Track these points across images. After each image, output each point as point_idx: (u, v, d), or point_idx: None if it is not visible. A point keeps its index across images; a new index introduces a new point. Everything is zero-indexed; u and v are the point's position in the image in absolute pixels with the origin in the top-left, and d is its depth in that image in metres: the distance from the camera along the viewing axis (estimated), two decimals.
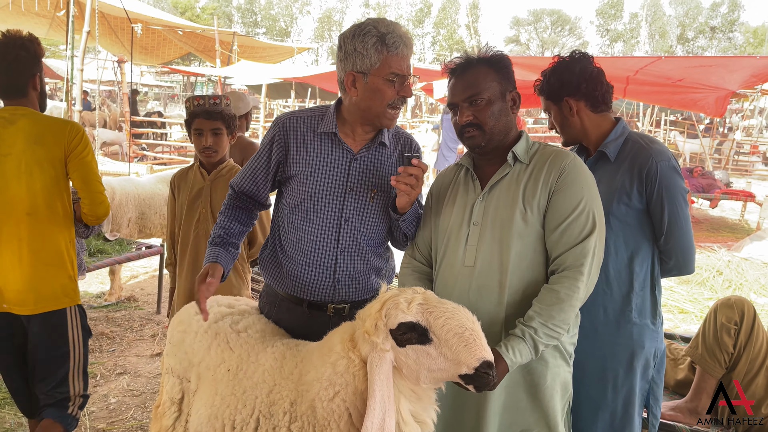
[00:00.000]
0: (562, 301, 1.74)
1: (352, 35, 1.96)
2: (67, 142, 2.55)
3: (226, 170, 3.02)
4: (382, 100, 1.97)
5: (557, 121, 2.31)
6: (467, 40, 54.29)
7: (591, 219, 1.81)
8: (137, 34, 10.34)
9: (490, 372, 1.57)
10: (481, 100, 1.89)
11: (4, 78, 2.54)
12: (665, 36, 56.85)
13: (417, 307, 1.66)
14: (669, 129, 19.14)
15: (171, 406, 2.23)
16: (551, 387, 1.88)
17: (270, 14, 62.65)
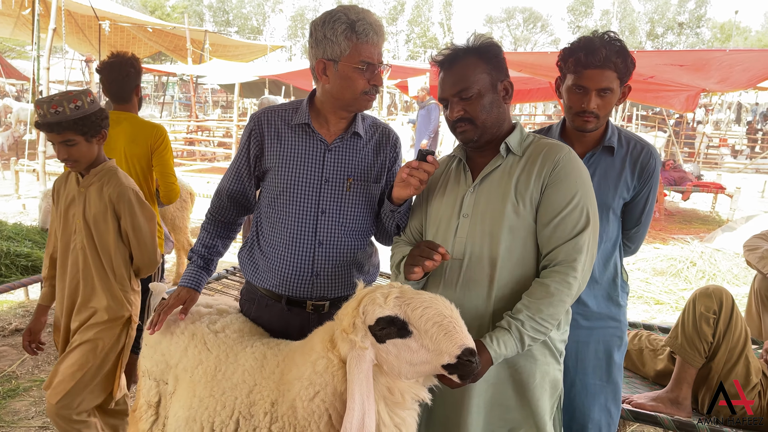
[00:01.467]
0: (551, 296, 1.71)
1: (322, 22, 1.94)
2: (152, 142, 3.36)
3: (103, 173, 2.54)
4: (353, 89, 1.95)
5: (609, 105, 2.12)
6: (441, 37, 54.48)
7: (585, 214, 1.78)
8: (105, 32, 10.12)
9: (473, 359, 1.55)
10: (472, 93, 1.83)
11: (116, 88, 3.39)
12: (635, 32, 57.75)
13: (394, 300, 1.63)
14: (640, 123, 19.43)
15: (148, 409, 2.18)
16: (540, 385, 1.84)
17: (242, 13, 62.08)
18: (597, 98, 2.08)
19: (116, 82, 3.38)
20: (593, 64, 2.05)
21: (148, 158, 3.37)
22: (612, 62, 2.05)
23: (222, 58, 16.42)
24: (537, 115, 23.87)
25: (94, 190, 2.53)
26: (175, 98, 25.54)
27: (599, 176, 2.16)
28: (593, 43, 2.07)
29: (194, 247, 2.26)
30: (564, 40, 64.44)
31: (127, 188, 2.55)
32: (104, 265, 2.56)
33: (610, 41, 2.07)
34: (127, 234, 2.57)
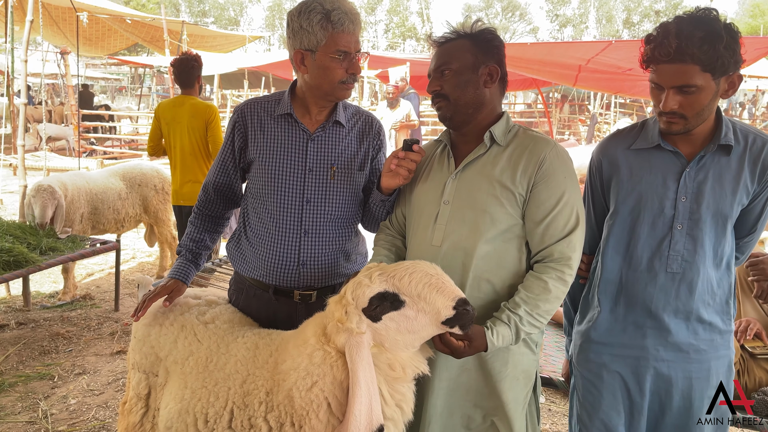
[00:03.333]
0: (549, 292, 1.74)
1: (298, 13, 1.95)
2: (207, 118, 4.62)
3: None
4: (331, 78, 1.96)
5: (697, 103, 1.74)
6: (420, 27, 54.34)
7: (575, 212, 1.79)
8: (83, 24, 9.94)
9: (468, 307, 1.60)
10: (449, 70, 1.84)
11: (184, 77, 4.70)
12: (612, 21, 58.12)
13: (378, 277, 1.67)
14: (618, 111, 19.63)
15: (138, 402, 2.17)
16: (512, 375, 1.86)
17: (218, 3, 61.27)
18: (677, 96, 1.72)
19: (184, 73, 4.68)
20: (664, 59, 1.71)
21: (204, 129, 4.61)
22: (689, 54, 1.66)
23: (200, 49, 16.19)
24: (517, 104, 23.98)
25: None
26: (152, 90, 25.20)
27: (713, 181, 1.82)
28: (666, 33, 1.70)
29: (182, 241, 2.26)
30: (543, 29, 64.74)
31: None
32: None
33: (691, 26, 1.68)
34: None
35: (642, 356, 1.92)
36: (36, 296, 5.38)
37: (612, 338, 1.97)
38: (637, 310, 1.92)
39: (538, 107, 18.30)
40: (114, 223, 5.39)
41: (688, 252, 1.85)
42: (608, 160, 1.99)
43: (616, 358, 1.96)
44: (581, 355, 2.04)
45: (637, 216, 1.91)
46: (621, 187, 1.94)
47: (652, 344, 1.91)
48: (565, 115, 20.69)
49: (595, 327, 2.00)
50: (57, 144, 14.76)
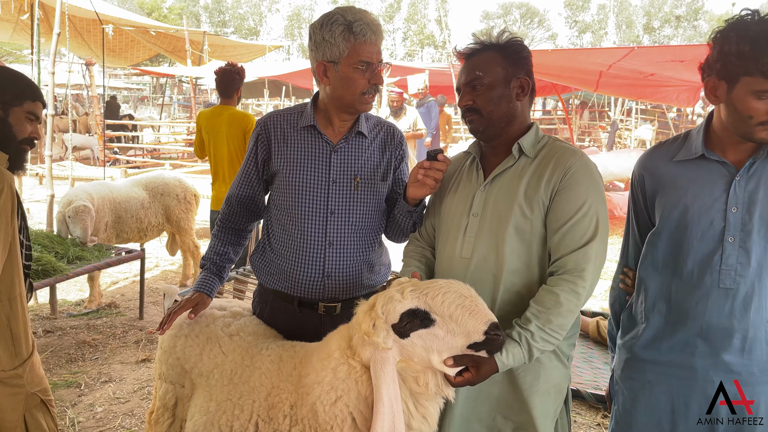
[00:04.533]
0: (561, 306, 1.69)
1: (320, 25, 1.96)
2: (244, 126, 4.76)
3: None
4: (354, 89, 1.97)
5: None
6: (438, 35, 54.41)
7: (594, 223, 1.74)
8: (108, 36, 10.12)
9: (499, 332, 1.58)
10: (481, 84, 1.83)
11: (224, 87, 4.89)
12: (632, 26, 57.65)
13: (410, 293, 1.64)
14: (639, 117, 19.44)
15: (164, 412, 2.19)
16: (543, 389, 1.84)
17: (238, 13, 61.99)
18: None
19: (225, 83, 4.88)
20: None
21: (242, 138, 4.74)
22: None
23: (221, 59, 16.39)
24: (536, 111, 23.88)
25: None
26: (174, 100, 25.55)
27: (765, 189, 1.73)
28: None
29: (206, 254, 2.28)
30: (561, 35, 64.39)
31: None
32: None
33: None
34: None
35: (690, 376, 1.82)
36: (62, 304, 5.46)
37: (658, 356, 1.87)
38: (687, 327, 1.81)
39: (558, 114, 18.20)
40: (137, 232, 5.47)
41: (742, 266, 1.74)
42: (650, 173, 1.92)
43: (661, 377, 1.86)
44: (625, 372, 1.96)
45: (685, 230, 1.82)
46: (666, 201, 1.86)
47: (701, 364, 1.80)
48: (585, 122, 20.55)
49: (640, 343, 1.91)
50: (82, 153, 15.01)
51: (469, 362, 1.61)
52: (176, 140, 17.02)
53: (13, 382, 2.00)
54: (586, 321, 3.82)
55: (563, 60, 7.44)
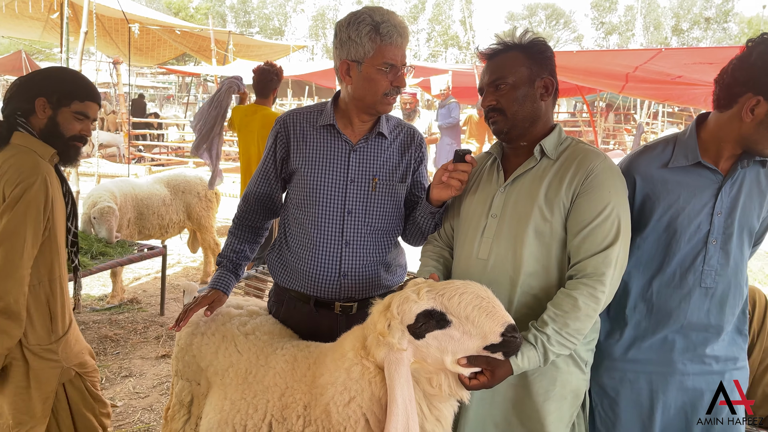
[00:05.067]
0: (579, 310, 1.67)
1: (347, 23, 1.95)
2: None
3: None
4: (376, 90, 1.96)
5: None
6: (462, 36, 54.22)
7: (616, 226, 1.72)
8: (135, 35, 10.26)
9: (516, 335, 1.55)
10: (505, 84, 1.82)
11: (261, 87, 4.96)
12: (660, 28, 56.84)
13: (426, 294, 1.62)
14: (666, 121, 19.15)
15: (180, 409, 2.21)
16: (560, 393, 1.82)
17: (264, 13, 62.49)
18: None
19: (262, 83, 4.95)
20: None
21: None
22: None
23: (245, 59, 16.54)
24: (561, 112, 23.66)
25: None
26: (198, 98, 25.82)
27: (744, 195, 1.86)
28: None
29: (223, 251, 2.29)
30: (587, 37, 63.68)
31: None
32: None
33: None
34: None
35: (668, 371, 1.91)
36: (86, 299, 5.55)
37: (638, 354, 1.94)
38: (668, 325, 1.90)
39: (582, 116, 18.01)
40: (158, 229, 5.53)
41: (721, 266, 1.85)
42: (642, 177, 1.95)
43: (641, 375, 1.94)
44: (606, 372, 2.00)
45: (674, 233, 1.88)
46: (657, 205, 1.91)
47: (679, 359, 1.90)
48: (610, 124, 20.30)
49: (619, 344, 1.97)
50: (108, 151, 15.25)
51: (484, 364, 1.59)
52: None
53: (48, 356, 2.19)
54: None
55: (588, 62, 7.34)
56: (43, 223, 2.10)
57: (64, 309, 2.26)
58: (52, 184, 2.11)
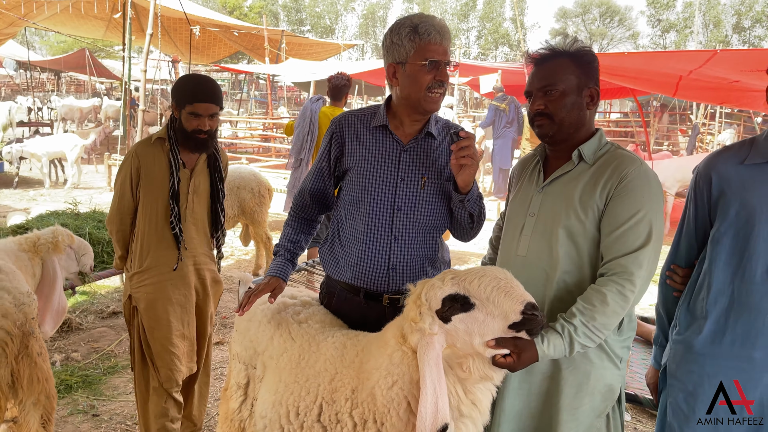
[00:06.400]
0: (607, 305, 1.74)
1: (390, 31, 2.11)
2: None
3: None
4: (419, 85, 2.07)
5: None
6: (512, 33, 53.54)
7: (648, 230, 1.79)
8: (195, 36, 10.65)
9: (536, 312, 1.61)
10: (555, 90, 1.90)
11: (335, 92, 5.74)
12: (720, 25, 54.81)
13: (450, 280, 1.73)
14: (724, 122, 18.53)
15: (237, 390, 2.37)
16: (594, 387, 1.89)
17: (315, 12, 63.19)
18: None
19: (335, 88, 5.72)
20: None
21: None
22: None
23: (297, 57, 16.87)
24: (612, 112, 23.17)
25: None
26: (251, 96, 26.39)
27: None
28: None
29: (280, 241, 2.42)
30: (644, 34, 61.76)
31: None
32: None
33: None
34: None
35: (750, 368, 1.89)
36: None
37: (719, 349, 1.93)
38: (750, 321, 1.89)
39: (635, 116, 17.61)
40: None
41: None
42: (718, 175, 1.97)
43: (722, 369, 1.93)
44: (683, 366, 2.01)
45: (752, 229, 1.88)
46: (733, 201, 1.92)
47: (761, 356, 1.87)
48: (664, 125, 19.77)
49: (700, 337, 1.97)
50: None
51: (511, 346, 1.65)
52: (252, 135, 17.61)
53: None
54: (648, 328, 3.76)
55: (640, 63, 7.22)
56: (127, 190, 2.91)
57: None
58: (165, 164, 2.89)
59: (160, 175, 2.84)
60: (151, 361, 2.91)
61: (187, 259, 2.94)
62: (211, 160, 2.99)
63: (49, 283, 3.35)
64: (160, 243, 2.86)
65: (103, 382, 3.93)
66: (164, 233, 2.85)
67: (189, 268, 2.96)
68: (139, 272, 2.89)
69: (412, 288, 1.84)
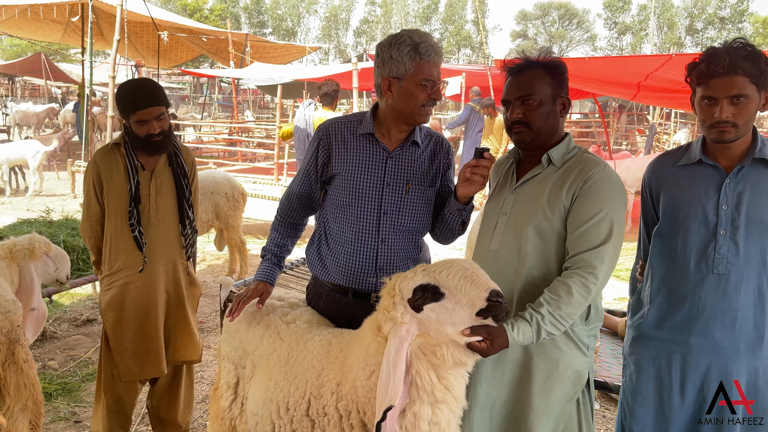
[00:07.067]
0: (572, 296, 1.87)
1: (389, 44, 2.17)
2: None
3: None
4: (415, 102, 2.18)
5: (746, 112, 1.99)
6: (475, 36, 54.20)
7: (609, 228, 1.94)
8: (164, 41, 10.55)
9: (501, 299, 1.72)
10: (533, 100, 2.03)
11: (328, 98, 6.33)
12: (674, 28, 56.54)
13: (422, 272, 1.83)
14: (679, 122, 19.16)
15: (228, 389, 2.44)
16: (562, 373, 2.04)
17: (277, 14, 62.80)
18: (729, 107, 1.97)
19: (326, 94, 6.32)
20: (718, 73, 1.97)
21: None
22: (740, 67, 1.94)
23: (262, 60, 16.81)
24: (573, 113, 23.70)
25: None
26: (214, 99, 26.14)
27: (751, 191, 2.04)
28: (716, 52, 1.99)
29: (267, 246, 2.49)
30: (601, 37, 63.18)
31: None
32: None
33: (735, 47, 1.98)
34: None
35: (687, 352, 2.11)
36: None
37: (661, 334, 2.17)
38: (686, 309, 2.11)
39: (595, 117, 18.08)
40: None
41: (732, 255, 2.04)
42: (656, 176, 2.23)
43: (662, 352, 2.16)
44: (632, 347, 2.26)
45: (683, 223, 2.12)
46: (668, 199, 2.17)
47: (696, 341, 2.09)
48: (622, 125, 20.35)
49: (645, 322, 2.21)
50: None
51: (485, 333, 1.75)
52: (216, 140, 17.47)
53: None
54: (615, 320, 3.97)
55: (600, 69, 7.48)
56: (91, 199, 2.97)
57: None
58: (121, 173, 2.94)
59: (119, 180, 2.89)
60: (111, 358, 2.98)
61: (157, 260, 2.95)
62: (171, 158, 3.01)
63: (26, 290, 3.35)
64: (126, 246, 2.91)
65: (82, 389, 3.93)
66: (129, 236, 2.90)
67: (158, 269, 2.97)
68: (109, 275, 2.95)
69: (387, 281, 1.94)
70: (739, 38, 2.03)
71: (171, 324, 3.07)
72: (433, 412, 1.84)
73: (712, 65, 1.98)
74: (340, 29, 64.29)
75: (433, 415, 1.85)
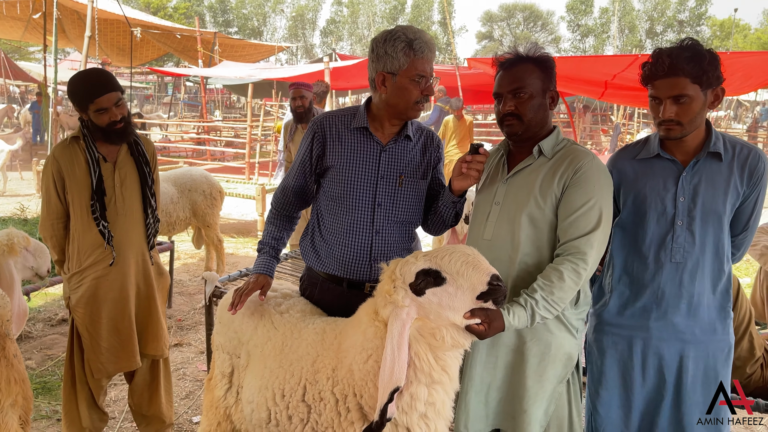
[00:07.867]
0: (563, 281, 1.96)
1: (383, 40, 2.22)
2: None
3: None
4: (408, 98, 2.23)
5: (690, 111, 2.08)
6: (441, 36, 54.60)
7: (598, 216, 2.02)
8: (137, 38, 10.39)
9: (500, 283, 1.80)
10: (524, 93, 2.10)
11: (319, 98, 6.79)
12: (635, 30, 57.86)
13: (423, 257, 1.89)
14: (642, 122, 19.68)
15: (222, 379, 2.46)
16: (554, 355, 2.13)
17: (242, 13, 62.20)
18: (673, 106, 2.07)
19: (320, 94, 6.74)
20: (660, 74, 2.07)
21: None
22: (680, 69, 2.03)
23: (231, 59, 16.68)
24: None
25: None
26: (180, 99, 25.79)
27: (706, 183, 2.15)
28: (660, 54, 2.08)
29: (264, 239, 2.52)
30: (564, 39, 64.15)
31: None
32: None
33: (679, 49, 2.05)
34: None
35: (648, 337, 2.23)
36: None
37: (622, 320, 2.28)
38: (645, 296, 2.23)
39: (561, 116, 18.47)
40: (166, 226, 5.70)
41: (689, 244, 2.16)
42: (617, 169, 2.33)
43: (624, 338, 2.28)
44: (595, 334, 2.37)
45: (644, 214, 2.23)
46: (628, 191, 2.28)
47: (655, 326, 2.22)
48: (587, 125, 20.80)
49: (607, 310, 2.32)
50: None
51: (483, 316, 1.82)
52: (183, 138, 17.26)
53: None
54: None
55: (568, 69, 7.66)
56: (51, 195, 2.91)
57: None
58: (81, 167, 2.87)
59: (80, 174, 2.83)
60: (81, 354, 2.98)
61: (127, 252, 2.93)
62: (132, 148, 2.96)
63: (6, 285, 3.30)
64: (93, 241, 2.86)
65: (60, 389, 3.87)
66: (96, 231, 2.85)
67: (129, 261, 2.94)
68: (78, 272, 2.90)
69: (385, 266, 1.99)
70: (688, 38, 2.11)
71: (142, 317, 3.05)
72: (429, 393, 1.91)
73: (654, 67, 2.08)
74: (306, 29, 64.01)
75: (429, 396, 1.91)
